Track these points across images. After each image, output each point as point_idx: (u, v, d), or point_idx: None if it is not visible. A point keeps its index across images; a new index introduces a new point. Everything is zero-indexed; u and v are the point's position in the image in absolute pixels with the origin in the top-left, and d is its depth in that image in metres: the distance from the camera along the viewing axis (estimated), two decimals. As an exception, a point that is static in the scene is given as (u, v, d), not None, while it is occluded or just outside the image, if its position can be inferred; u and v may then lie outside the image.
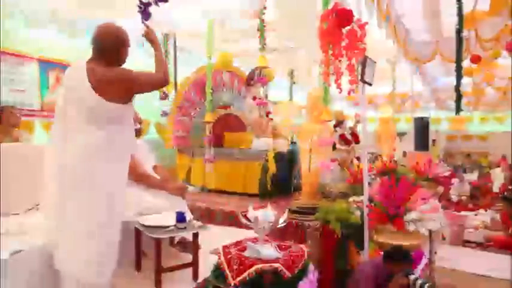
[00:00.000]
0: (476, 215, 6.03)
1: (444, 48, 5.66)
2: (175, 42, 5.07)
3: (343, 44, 2.73)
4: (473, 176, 9.35)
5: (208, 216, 3.93)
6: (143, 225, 2.13)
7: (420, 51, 6.01)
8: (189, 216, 2.34)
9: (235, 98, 6.02)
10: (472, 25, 4.35)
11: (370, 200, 3.29)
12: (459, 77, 3.44)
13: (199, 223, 2.15)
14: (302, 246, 1.88)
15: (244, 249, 1.71)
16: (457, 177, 8.20)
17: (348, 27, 2.73)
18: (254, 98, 5.43)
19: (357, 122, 5.26)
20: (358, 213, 3.35)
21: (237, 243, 1.80)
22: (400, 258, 2.71)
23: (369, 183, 4.60)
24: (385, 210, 3.07)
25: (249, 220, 1.73)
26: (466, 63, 6.95)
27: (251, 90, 5.52)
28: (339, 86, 2.71)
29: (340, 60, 2.60)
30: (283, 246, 1.83)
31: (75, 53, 4.71)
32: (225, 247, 1.76)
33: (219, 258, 1.69)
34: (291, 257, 1.70)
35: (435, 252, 3.74)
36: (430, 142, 9.57)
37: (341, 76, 2.70)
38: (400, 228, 2.93)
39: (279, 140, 5.01)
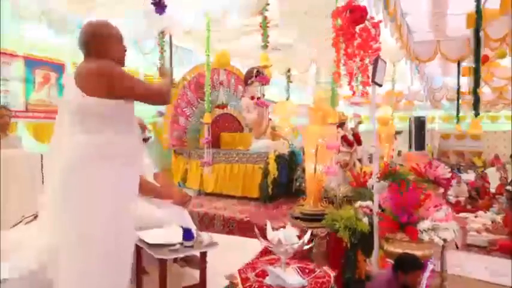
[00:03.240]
0: (476, 216, 5.96)
1: (446, 48, 5.54)
2: (171, 40, 4.84)
3: (356, 43, 2.57)
4: (468, 176, 9.32)
5: (207, 223, 3.75)
6: (145, 242, 1.93)
7: (421, 50, 5.90)
8: (193, 226, 2.15)
9: (231, 97, 5.83)
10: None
11: (379, 206, 3.15)
12: (477, 78, 3.30)
13: (208, 238, 1.95)
14: (327, 269, 1.70)
15: (263, 274, 1.54)
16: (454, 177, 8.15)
17: (361, 25, 2.57)
18: (252, 98, 5.26)
19: (359, 122, 5.11)
20: (365, 220, 3.21)
21: (253, 266, 1.62)
22: (412, 267, 2.59)
23: (372, 187, 4.44)
24: (396, 218, 2.93)
25: (267, 239, 1.55)
26: (465, 63, 6.89)
27: (249, 90, 5.33)
28: (352, 88, 2.55)
29: (354, 61, 2.44)
30: (307, 270, 1.66)
31: (65, 51, 4.50)
32: (241, 272, 1.57)
33: (237, 287, 1.50)
34: (317, 284, 1.53)
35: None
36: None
37: (354, 77, 2.53)
38: (414, 238, 2.79)
39: (278, 140, 4.85)
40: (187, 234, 1.87)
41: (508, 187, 7.29)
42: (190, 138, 5.23)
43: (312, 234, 3.12)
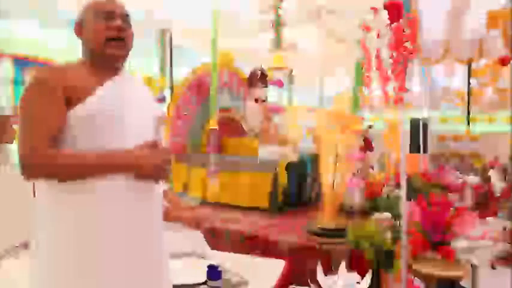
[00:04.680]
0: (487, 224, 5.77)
1: (458, 48, 5.33)
2: (171, 39, 4.54)
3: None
4: (470, 179, 9.15)
5: (215, 239, 3.45)
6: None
7: (430, 50, 5.68)
8: (209, 253, 1.86)
9: (234, 99, 5.55)
10: (497, 24, 4.03)
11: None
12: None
13: (236, 275, 1.65)
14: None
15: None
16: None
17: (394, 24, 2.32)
18: (256, 100, 5.01)
19: (369, 126, 4.86)
20: (388, 235, 2.97)
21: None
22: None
23: (387, 196, 4.18)
24: (427, 235, 2.69)
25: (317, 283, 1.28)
26: (474, 65, 6.71)
27: (253, 92, 5.07)
28: (386, 94, 2.29)
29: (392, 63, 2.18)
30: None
31: (58, 50, 4.17)
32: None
33: None
34: None
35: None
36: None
37: (388, 81, 2.27)
38: (450, 259, 2.55)
39: (287, 146, 4.58)
40: (213, 272, 1.55)
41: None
42: (191, 143, 4.94)
43: (331, 250, 2.88)
